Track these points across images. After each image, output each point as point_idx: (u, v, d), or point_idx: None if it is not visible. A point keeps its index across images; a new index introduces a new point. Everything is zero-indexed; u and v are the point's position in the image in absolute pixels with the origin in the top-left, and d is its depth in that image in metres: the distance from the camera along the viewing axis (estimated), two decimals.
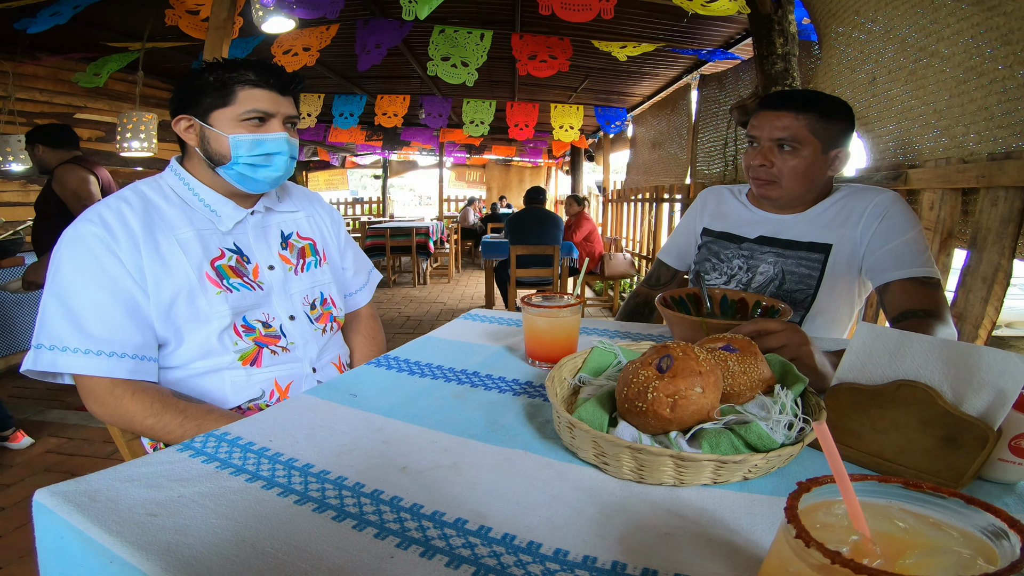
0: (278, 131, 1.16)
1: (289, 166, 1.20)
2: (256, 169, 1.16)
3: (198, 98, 1.13)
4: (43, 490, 0.61)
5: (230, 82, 1.12)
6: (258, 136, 1.14)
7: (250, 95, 1.13)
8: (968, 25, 1.83)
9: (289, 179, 1.32)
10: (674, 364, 0.69)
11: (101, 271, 1.03)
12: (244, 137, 1.13)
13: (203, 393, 1.14)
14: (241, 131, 1.13)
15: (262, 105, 1.13)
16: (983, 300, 1.67)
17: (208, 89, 1.12)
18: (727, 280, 1.49)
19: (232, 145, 1.13)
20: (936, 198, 1.98)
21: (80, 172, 2.97)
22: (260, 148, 1.14)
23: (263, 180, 1.18)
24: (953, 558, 0.37)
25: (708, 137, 4.90)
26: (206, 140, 1.15)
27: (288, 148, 1.17)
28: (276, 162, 1.17)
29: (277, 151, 1.16)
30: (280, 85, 1.16)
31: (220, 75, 1.12)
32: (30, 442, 2.77)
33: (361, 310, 1.52)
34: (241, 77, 1.12)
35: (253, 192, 1.21)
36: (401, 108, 6.48)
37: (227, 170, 1.16)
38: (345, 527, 0.57)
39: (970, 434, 0.64)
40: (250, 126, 1.13)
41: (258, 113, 1.13)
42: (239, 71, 1.12)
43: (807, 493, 0.39)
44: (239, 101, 1.12)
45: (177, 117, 1.16)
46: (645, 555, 0.53)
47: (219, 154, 1.14)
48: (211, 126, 1.13)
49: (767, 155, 1.35)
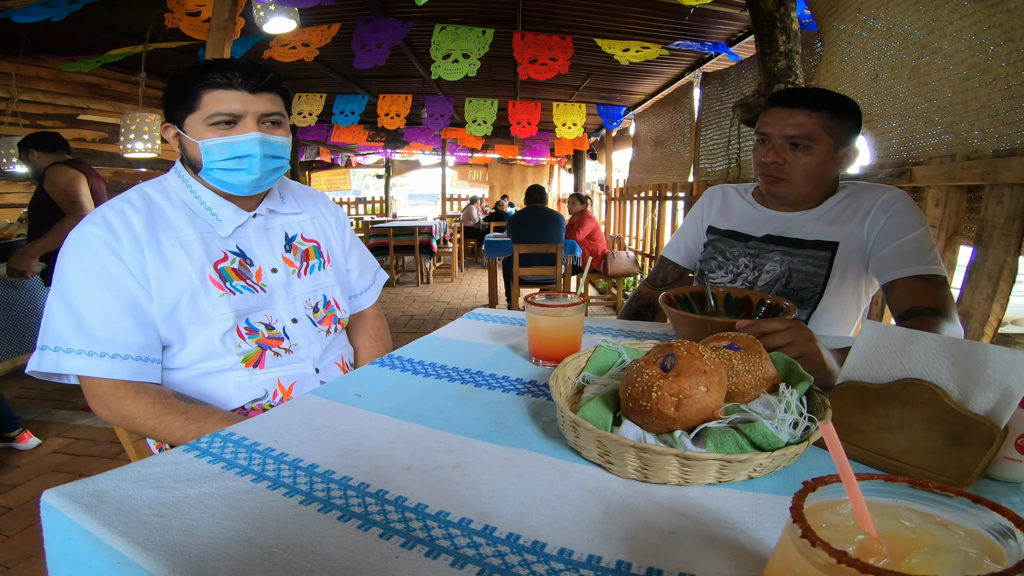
0: (250, 131, 1.11)
1: (266, 166, 1.15)
2: (231, 173, 1.13)
3: (174, 105, 1.13)
4: (51, 491, 0.61)
5: (195, 86, 1.09)
6: (225, 139, 1.10)
7: (214, 97, 1.09)
8: (971, 22, 1.82)
9: (291, 179, 1.32)
10: (678, 363, 0.69)
11: (104, 273, 1.03)
12: (212, 141, 1.10)
13: (207, 394, 1.15)
14: (209, 135, 1.10)
15: (227, 106, 1.09)
16: (989, 297, 1.67)
17: (179, 96, 1.11)
18: (733, 279, 1.49)
19: (202, 150, 1.11)
20: (941, 195, 1.97)
21: (69, 171, 3.09)
22: (229, 151, 1.11)
23: (239, 184, 1.14)
24: (960, 557, 0.37)
25: (710, 135, 4.90)
26: (183, 147, 1.15)
27: (260, 149, 1.12)
28: (249, 165, 1.12)
29: (248, 153, 1.12)
30: (249, 83, 1.10)
31: (187, 80, 1.10)
32: (37, 442, 2.79)
33: (367, 311, 1.51)
34: (205, 80, 1.09)
35: (239, 195, 1.19)
36: (403, 108, 6.50)
37: (206, 175, 1.15)
38: (350, 527, 0.57)
39: (976, 433, 0.63)
40: (219, 129, 1.10)
41: (223, 116, 1.09)
42: (204, 74, 1.09)
43: (812, 493, 0.39)
44: (204, 105, 1.09)
45: (164, 126, 1.17)
46: (650, 554, 0.53)
47: (195, 160, 1.13)
48: (185, 133, 1.12)
49: (779, 152, 1.34)
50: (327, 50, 4.49)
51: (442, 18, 4.28)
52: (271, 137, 1.14)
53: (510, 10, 4.42)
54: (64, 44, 4.68)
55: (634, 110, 7.71)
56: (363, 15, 4.30)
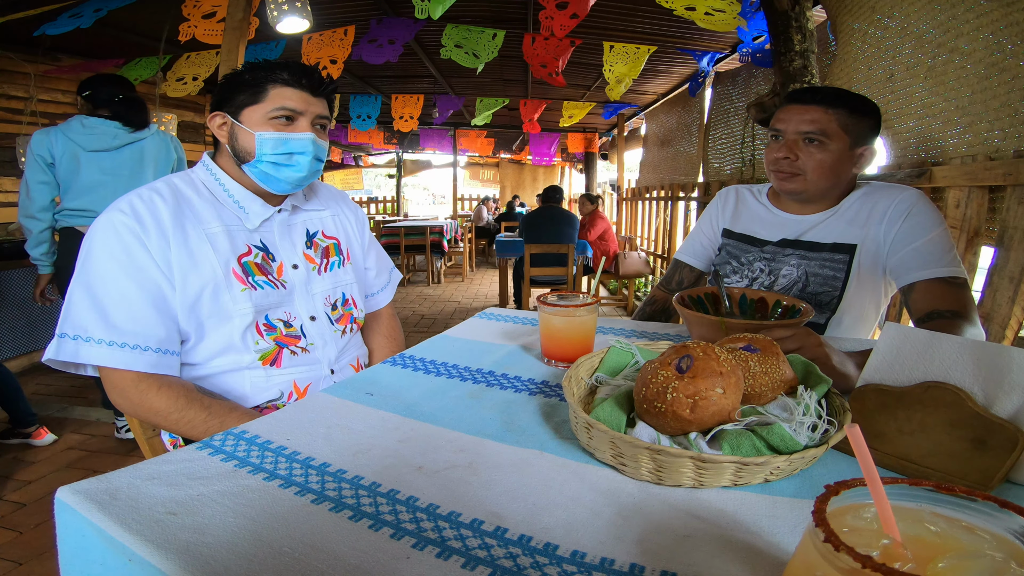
0: (305, 131, 1.16)
1: (313, 167, 1.20)
2: (279, 168, 1.16)
3: (233, 95, 1.16)
4: (65, 488, 0.61)
5: (263, 80, 1.14)
6: (283, 135, 1.15)
7: (280, 93, 1.14)
8: (988, 21, 1.79)
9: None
10: (694, 364, 0.68)
11: (130, 261, 1.04)
12: (270, 135, 1.14)
13: (224, 392, 1.15)
14: (268, 129, 1.14)
15: (291, 103, 1.14)
16: (1010, 300, 1.64)
17: (243, 86, 1.15)
18: (749, 283, 1.47)
19: (257, 142, 1.14)
20: (963, 196, 1.94)
21: None
22: (284, 147, 1.15)
23: (285, 180, 1.18)
24: (986, 562, 0.36)
25: (719, 134, 4.87)
26: (235, 137, 1.17)
27: (313, 149, 1.17)
28: (299, 162, 1.17)
29: (301, 151, 1.16)
30: (312, 85, 1.17)
31: (255, 73, 1.15)
32: (53, 438, 2.82)
33: (382, 310, 1.53)
34: (274, 76, 1.14)
35: (276, 192, 1.22)
36: (415, 109, 6.55)
37: (252, 167, 1.17)
38: (361, 527, 0.57)
39: (1000, 436, 0.62)
40: (278, 124, 1.14)
41: (286, 111, 1.14)
42: (274, 71, 1.14)
43: (835, 497, 0.38)
44: (269, 99, 1.14)
45: (213, 114, 1.19)
46: (664, 557, 0.52)
47: (245, 151, 1.16)
48: (241, 123, 1.15)
49: (791, 148, 1.33)
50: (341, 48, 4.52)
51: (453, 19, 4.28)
52: (320, 140, 1.20)
53: (521, 11, 4.42)
54: (83, 45, 4.74)
55: (645, 110, 7.69)
56: (375, 15, 4.32)
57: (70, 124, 2.59)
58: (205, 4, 3.47)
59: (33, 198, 2.53)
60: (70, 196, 2.61)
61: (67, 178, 2.59)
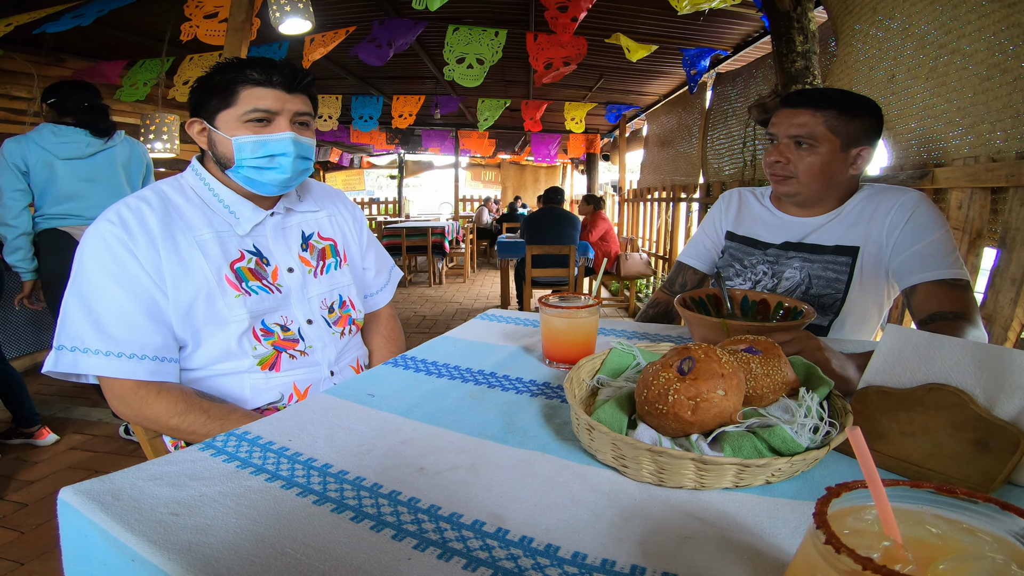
0: (283, 130, 1.12)
1: (298, 167, 1.16)
2: (262, 172, 1.13)
3: (206, 100, 1.12)
4: (68, 488, 0.62)
5: (233, 81, 1.09)
6: (261, 137, 1.11)
7: (252, 94, 1.10)
8: (990, 22, 1.79)
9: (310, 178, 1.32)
10: (696, 366, 0.68)
11: (121, 271, 1.03)
12: (246, 139, 1.10)
13: (223, 395, 1.15)
14: (244, 132, 1.10)
15: (265, 103, 1.10)
16: (1012, 302, 1.63)
17: (214, 90, 1.11)
18: (752, 286, 1.47)
19: (235, 147, 1.11)
20: (965, 197, 1.94)
21: None
22: (263, 150, 1.11)
23: (269, 183, 1.15)
24: (987, 564, 0.36)
25: (719, 135, 4.87)
26: (214, 143, 1.14)
27: (295, 149, 1.13)
28: (282, 164, 1.13)
29: (282, 152, 1.12)
30: (285, 82, 1.11)
31: (225, 75, 1.10)
32: (55, 439, 2.82)
33: (381, 311, 1.51)
34: (244, 76, 1.09)
35: (265, 194, 1.19)
36: (415, 109, 6.57)
37: (234, 173, 1.14)
38: (363, 528, 0.57)
39: (1002, 438, 0.62)
40: (254, 127, 1.10)
41: (260, 112, 1.10)
42: (243, 70, 1.10)
43: (837, 498, 0.38)
44: (241, 100, 1.10)
45: (190, 120, 1.16)
46: (665, 559, 0.52)
47: (225, 157, 1.13)
48: (217, 129, 1.12)
49: (783, 152, 1.34)
50: (342, 49, 4.52)
51: (455, 19, 4.29)
52: (302, 138, 1.15)
53: (523, 11, 4.42)
54: (87, 46, 4.75)
55: (646, 111, 7.69)
56: (377, 16, 4.33)
57: (41, 132, 2.59)
58: (207, 4, 3.48)
59: (7, 205, 2.53)
60: (49, 202, 2.63)
61: (43, 186, 2.61)
